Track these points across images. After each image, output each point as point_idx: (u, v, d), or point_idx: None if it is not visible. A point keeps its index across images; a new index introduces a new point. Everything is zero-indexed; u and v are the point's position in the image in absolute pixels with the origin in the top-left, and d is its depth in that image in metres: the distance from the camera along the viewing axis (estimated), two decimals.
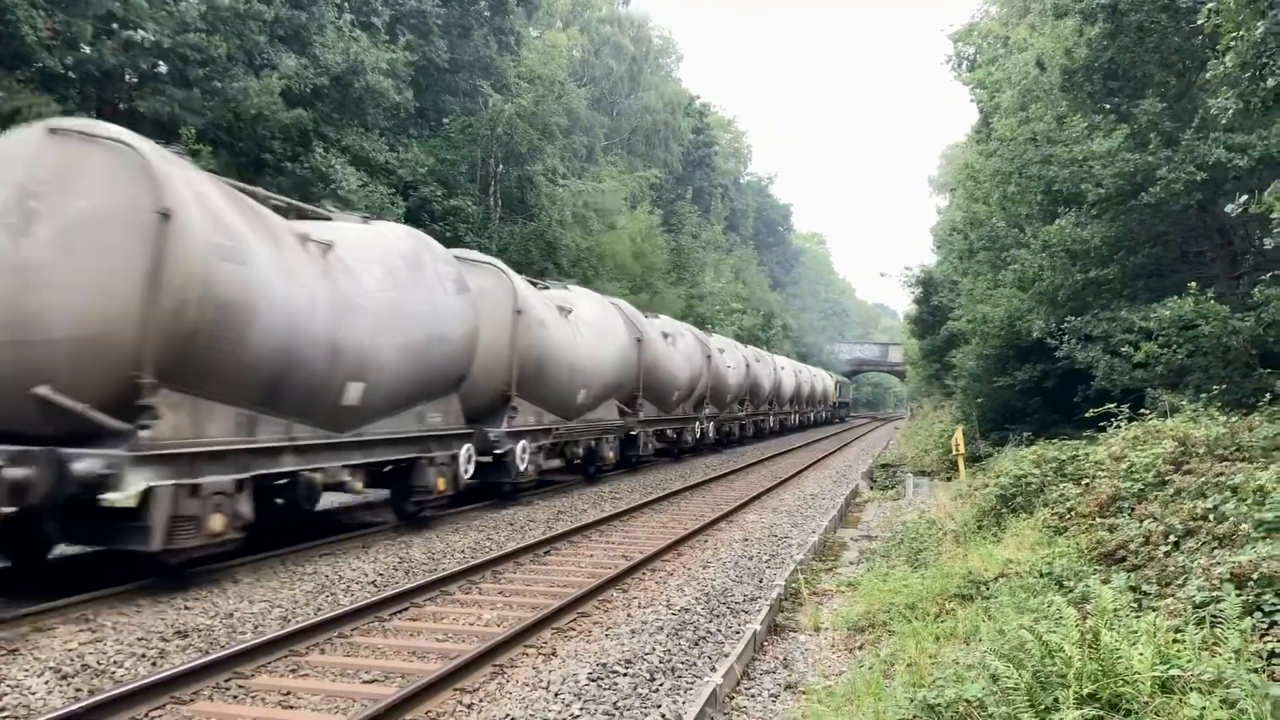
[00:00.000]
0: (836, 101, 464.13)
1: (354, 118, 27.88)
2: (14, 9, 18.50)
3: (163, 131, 21.69)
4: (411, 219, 28.25)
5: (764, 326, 67.63)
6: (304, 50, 25.46)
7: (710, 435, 31.27)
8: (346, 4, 29.50)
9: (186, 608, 9.00)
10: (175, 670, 6.74)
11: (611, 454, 21.71)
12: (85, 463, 8.50)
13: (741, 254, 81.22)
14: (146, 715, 6.23)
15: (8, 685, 6.64)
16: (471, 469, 15.07)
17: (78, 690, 6.65)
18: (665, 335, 25.83)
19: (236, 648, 7.33)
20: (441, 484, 14.13)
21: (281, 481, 11.29)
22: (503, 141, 35.99)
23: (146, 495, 8.73)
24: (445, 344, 13.76)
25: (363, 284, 11.98)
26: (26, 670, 6.97)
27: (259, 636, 7.82)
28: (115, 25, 20.90)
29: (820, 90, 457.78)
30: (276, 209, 11.68)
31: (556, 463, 20.98)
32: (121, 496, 8.57)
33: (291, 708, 6.47)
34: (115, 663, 7.26)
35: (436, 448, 14.01)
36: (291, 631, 7.86)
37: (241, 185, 11.27)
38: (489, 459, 15.87)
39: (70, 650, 7.49)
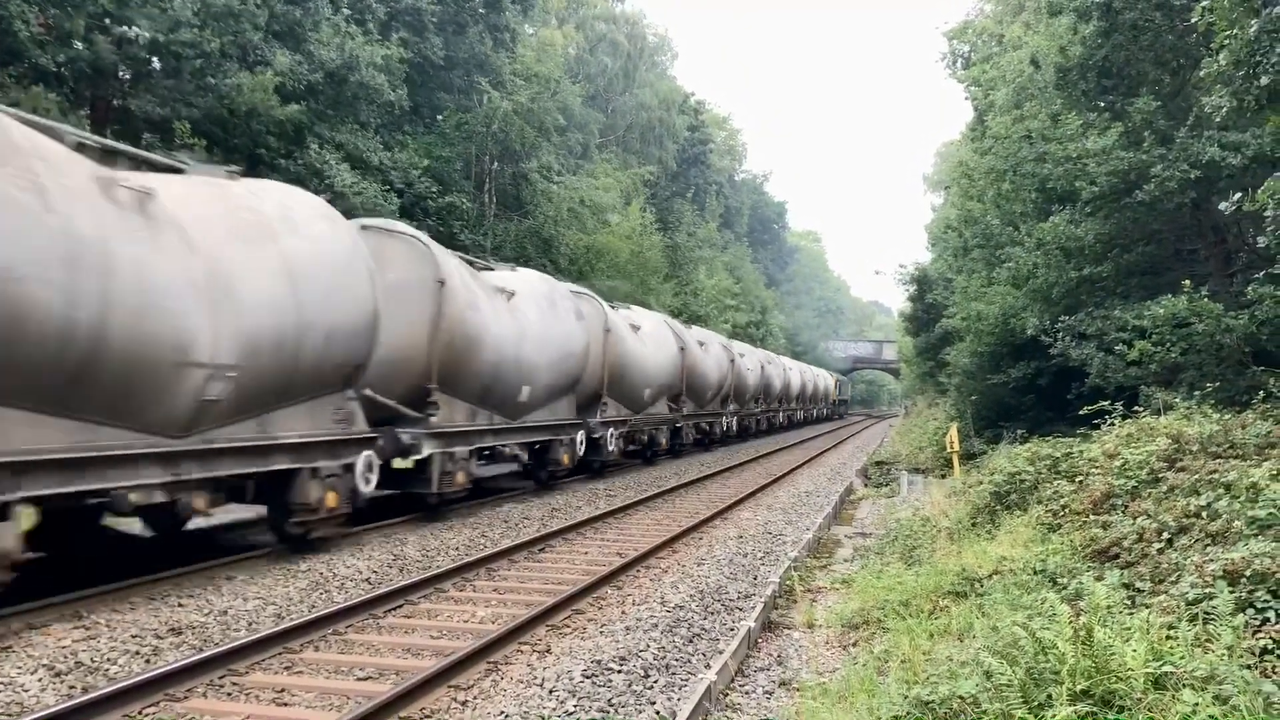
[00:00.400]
0: (831, 99, 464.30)
1: (348, 115, 27.83)
2: (6, 4, 18.44)
3: (157, 128, 21.66)
4: (406, 216, 28.22)
5: (757, 324, 67.62)
6: (298, 47, 25.40)
7: (734, 429, 36.24)
8: (342, 0, 29.44)
9: (180, 605, 8.99)
10: (169, 667, 6.74)
11: (664, 441, 26.37)
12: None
13: (736, 251, 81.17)
14: (140, 712, 6.23)
15: (1, 682, 6.63)
16: (583, 449, 19.63)
17: (71, 688, 6.64)
18: (701, 344, 30.62)
19: (230, 645, 7.33)
20: (566, 459, 18.73)
21: (487, 451, 16.34)
22: (498, 138, 35.94)
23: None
24: (571, 357, 18.52)
25: (529, 318, 16.83)
26: (19, 668, 6.95)
27: (253, 634, 7.83)
28: (108, 21, 20.84)
29: (815, 88, 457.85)
30: (471, 263, 16.43)
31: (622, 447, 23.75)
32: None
33: (286, 705, 6.47)
34: (109, 660, 7.25)
35: (563, 433, 18.69)
36: (286, 629, 7.86)
37: (461, 255, 16.00)
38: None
39: (64, 647, 7.48)
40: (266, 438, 10.61)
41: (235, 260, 9.84)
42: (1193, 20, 12.79)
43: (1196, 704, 4.35)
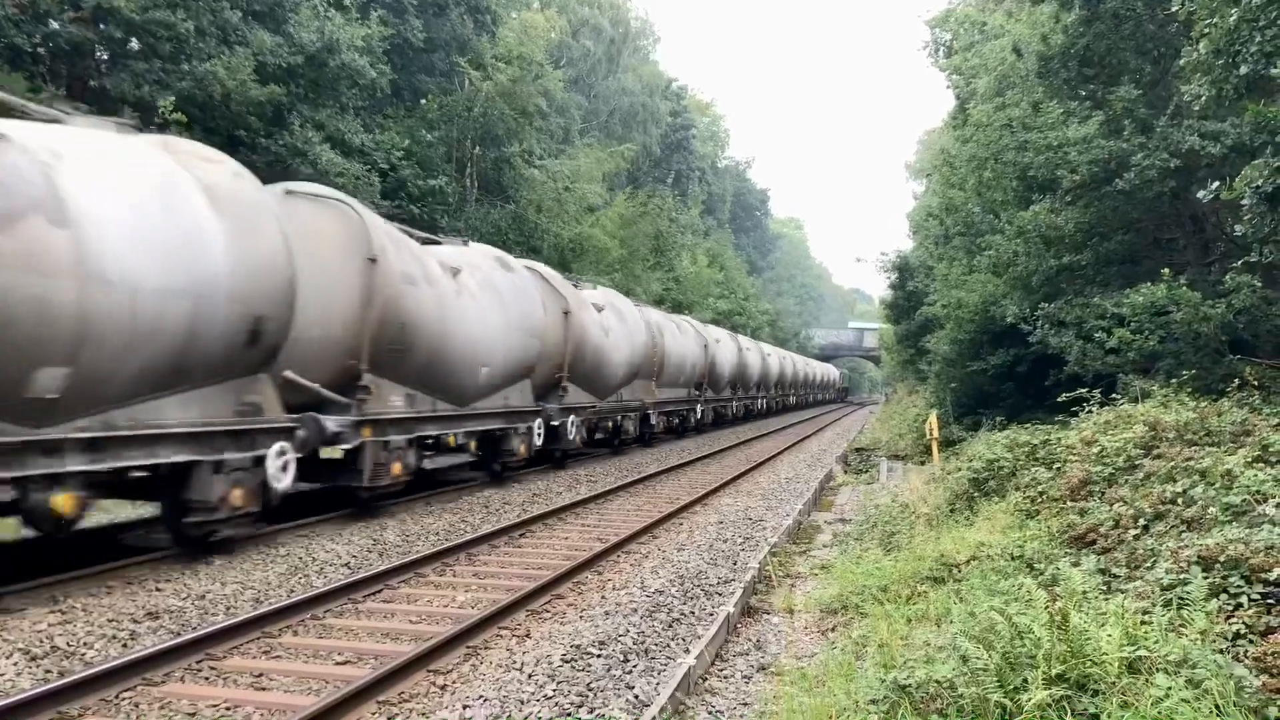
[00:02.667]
0: (814, 87, 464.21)
1: (329, 97, 27.60)
2: None
3: (135, 108, 21.42)
4: (388, 199, 28.06)
5: (739, 311, 67.66)
6: (278, 29, 25.16)
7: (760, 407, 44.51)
8: None
9: (158, 589, 8.95)
10: (146, 651, 6.72)
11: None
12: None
13: (719, 238, 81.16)
14: (117, 697, 6.20)
15: None
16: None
17: (47, 672, 6.60)
18: (717, 340, 35.25)
19: (208, 629, 7.31)
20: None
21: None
22: (480, 122, 35.73)
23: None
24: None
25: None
26: None
27: (231, 618, 7.80)
28: None
29: (798, 75, 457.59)
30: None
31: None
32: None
33: (264, 689, 6.46)
34: (85, 644, 7.21)
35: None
36: (264, 613, 7.84)
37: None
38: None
39: (39, 632, 7.43)
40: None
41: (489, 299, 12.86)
42: (1173, 9, 12.85)
43: (1169, 688, 4.38)
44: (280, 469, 10.99)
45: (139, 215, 8.94)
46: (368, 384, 12.85)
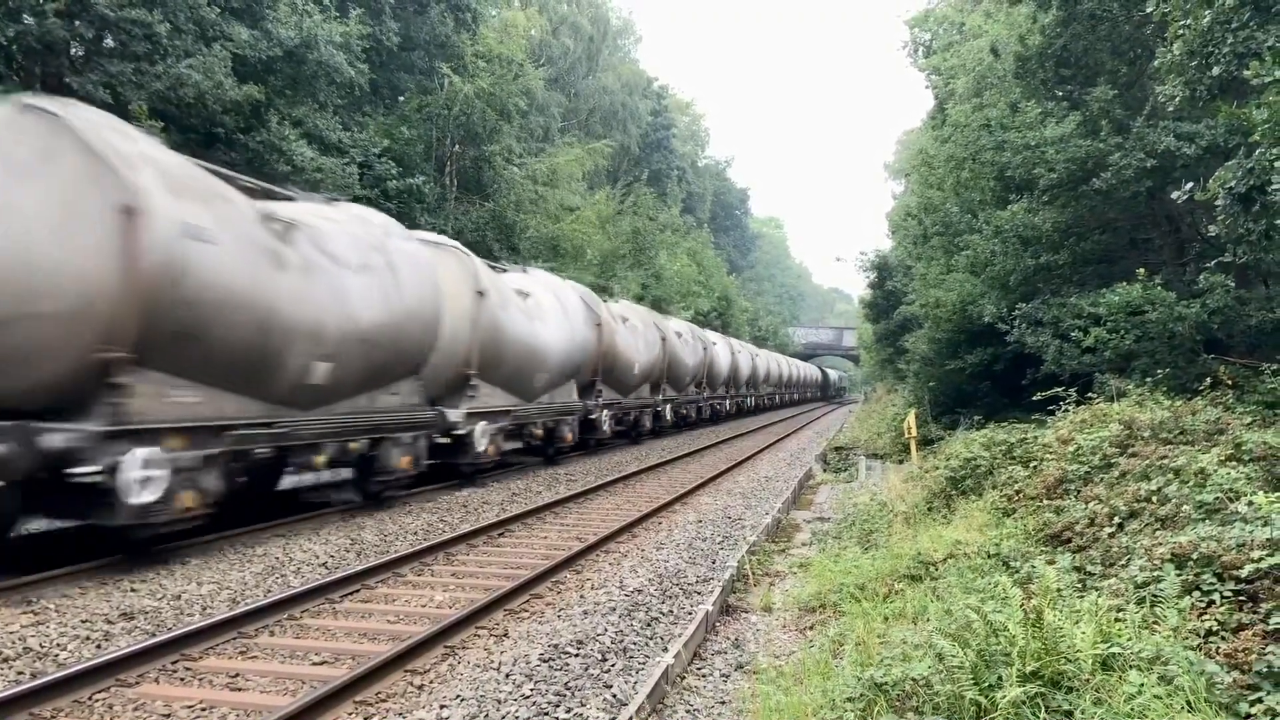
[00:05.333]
0: (794, 86, 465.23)
1: (307, 94, 27.45)
2: None
3: (110, 107, 21.24)
4: (366, 198, 27.93)
5: (719, 311, 67.67)
6: (256, 24, 25.00)
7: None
8: None
9: (132, 589, 8.88)
10: (120, 652, 6.65)
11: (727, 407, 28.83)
12: None
13: (698, 237, 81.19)
14: (91, 698, 6.15)
15: None
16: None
17: (20, 673, 6.54)
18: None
19: (184, 629, 7.25)
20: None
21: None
22: (460, 121, 35.63)
23: None
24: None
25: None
26: None
27: (207, 618, 7.74)
28: None
29: (778, 75, 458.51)
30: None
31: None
32: None
33: (240, 689, 6.41)
34: (58, 645, 7.15)
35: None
36: (240, 613, 7.78)
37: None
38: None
39: (11, 633, 7.36)
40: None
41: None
42: (1148, 11, 12.95)
43: (1142, 684, 4.42)
44: (427, 448, 15.12)
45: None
46: (476, 385, 16.47)
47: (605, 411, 24.37)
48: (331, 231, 12.74)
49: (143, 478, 9.38)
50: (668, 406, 31.68)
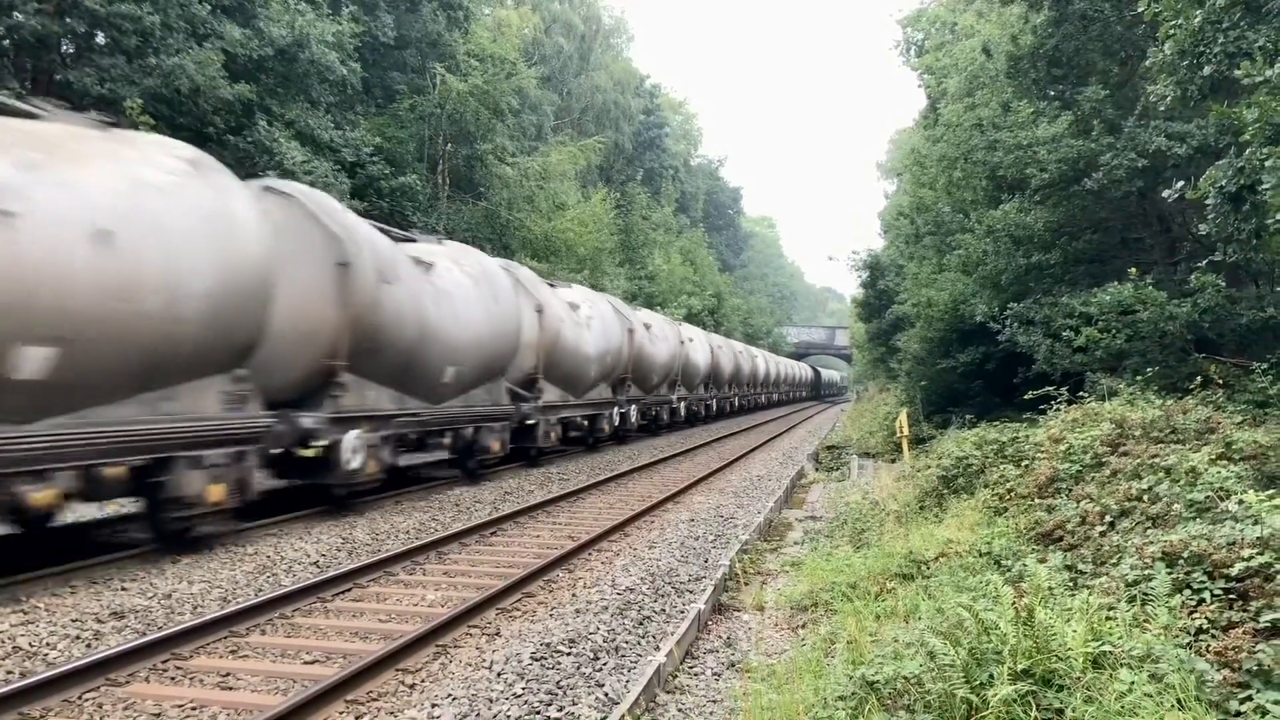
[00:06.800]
0: (787, 86, 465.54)
1: (299, 93, 27.39)
2: None
3: (99, 104, 21.17)
4: (357, 197, 27.89)
5: (712, 310, 67.73)
6: (248, 22, 24.94)
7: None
8: None
9: (123, 588, 8.86)
10: (111, 652, 6.64)
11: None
12: None
13: (691, 236, 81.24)
14: (80, 697, 6.13)
15: None
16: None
17: (9, 673, 6.51)
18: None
19: (174, 629, 7.23)
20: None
21: None
22: (453, 119, 35.58)
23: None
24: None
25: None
26: None
27: (198, 617, 7.72)
28: None
29: (770, 74, 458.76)
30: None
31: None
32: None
33: (231, 689, 6.40)
34: (48, 644, 7.13)
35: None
36: (231, 612, 7.77)
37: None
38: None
39: (1, 631, 7.33)
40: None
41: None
42: (1140, 11, 12.97)
43: (1133, 683, 4.42)
44: (510, 435, 18.18)
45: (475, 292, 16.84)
46: (541, 385, 19.80)
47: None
48: (451, 266, 16.50)
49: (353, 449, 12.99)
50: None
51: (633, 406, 27.86)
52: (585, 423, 24.25)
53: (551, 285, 23.40)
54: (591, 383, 23.80)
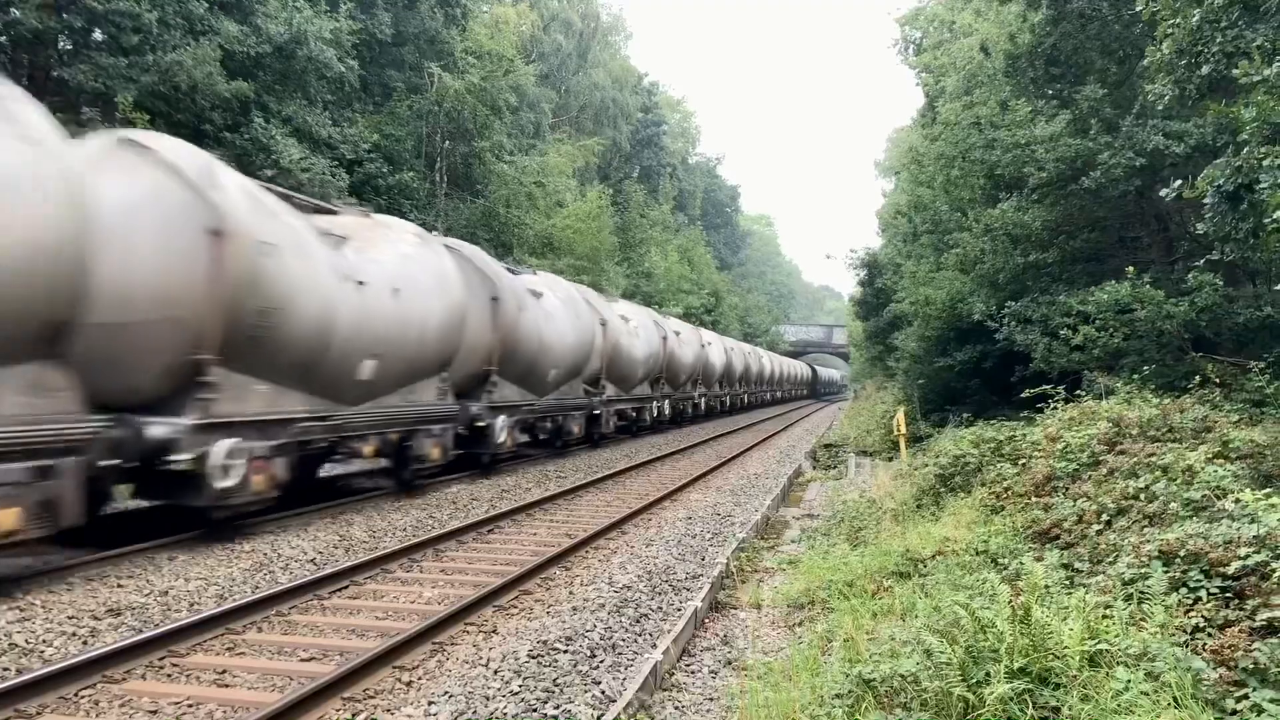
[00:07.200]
0: (784, 84, 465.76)
1: (296, 89, 27.35)
2: None
3: (96, 101, 21.15)
4: (355, 194, 27.85)
5: (709, 308, 67.72)
6: (245, 19, 24.90)
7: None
8: None
9: (120, 585, 8.85)
10: (107, 649, 6.63)
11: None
12: None
13: (689, 234, 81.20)
14: (77, 695, 6.12)
15: None
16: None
17: (5, 669, 6.51)
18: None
19: (171, 626, 7.23)
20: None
21: None
22: (451, 116, 35.53)
23: None
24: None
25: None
26: None
27: (195, 614, 7.72)
28: None
29: (768, 72, 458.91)
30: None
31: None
32: None
33: (227, 686, 6.40)
34: (45, 641, 7.12)
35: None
36: (228, 609, 7.77)
37: None
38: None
39: None
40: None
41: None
42: (1138, 9, 12.96)
43: (1129, 681, 4.43)
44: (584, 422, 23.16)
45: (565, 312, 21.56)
46: (604, 383, 23.38)
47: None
48: (548, 293, 21.47)
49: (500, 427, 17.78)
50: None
51: (666, 401, 32.95)
52: (634, 414, 29.13)
53: (611, 299, 29.03)
54: (637, 381, 28.78)
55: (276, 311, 11.23)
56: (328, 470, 16.14)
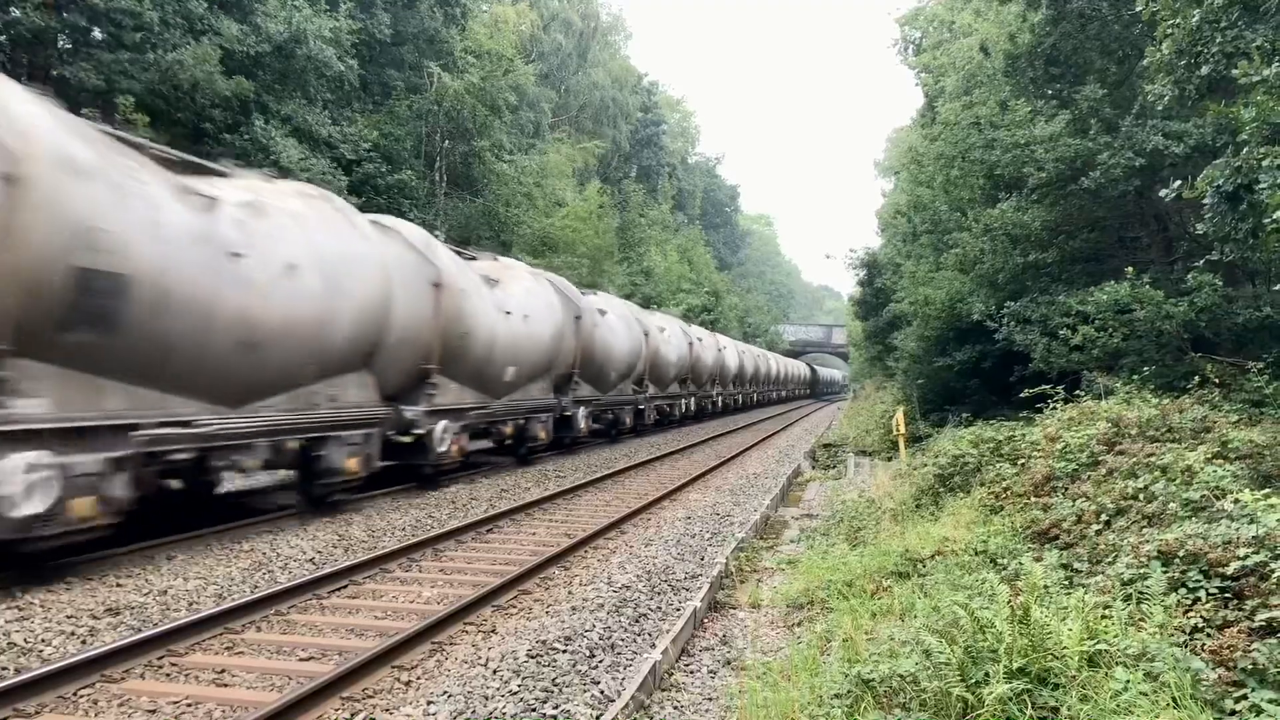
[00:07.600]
0: (784, 84, 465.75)
1: (296, 89, 27.35)
2: None
3: (95, 100, 21.14)
4: (354, 194, 27.85)
5: (708, 308, 67.71)
6: (245, 18, 24.91)
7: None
8: None
9: (118, 585, 8.84)
10: (106, 648, 6.63)
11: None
12: None
13: (689, 234, 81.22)
14: (76, 694, 6.12)
15: None
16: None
17: (3, 669, 6.50)
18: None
19: (170, 625, 7.23)
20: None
21: None
22: (450, 116, 35.54)
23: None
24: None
25: None
26: None
27: (194, 614, 7.72)
28: None
29: (768, 72, 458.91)
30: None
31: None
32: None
33: (226, 685, 6.39)
34: (43, 641, 7.12)
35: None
36: (227, 609, 7.76)
37: None
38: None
39: None
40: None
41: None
42: (1138, 10, 12.96)
43: (1128, 681, 4.43)
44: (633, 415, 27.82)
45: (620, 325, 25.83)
46: (646, 383, 28.27)
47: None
48: (607, 308, 25.67)
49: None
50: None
51: (692, 399, 37.90)
52: (668, 408, 34.04)
53: (650, 312, 34.48)
54: (670, 381, 33.84)
55: (468, 335, 16.37)
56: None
